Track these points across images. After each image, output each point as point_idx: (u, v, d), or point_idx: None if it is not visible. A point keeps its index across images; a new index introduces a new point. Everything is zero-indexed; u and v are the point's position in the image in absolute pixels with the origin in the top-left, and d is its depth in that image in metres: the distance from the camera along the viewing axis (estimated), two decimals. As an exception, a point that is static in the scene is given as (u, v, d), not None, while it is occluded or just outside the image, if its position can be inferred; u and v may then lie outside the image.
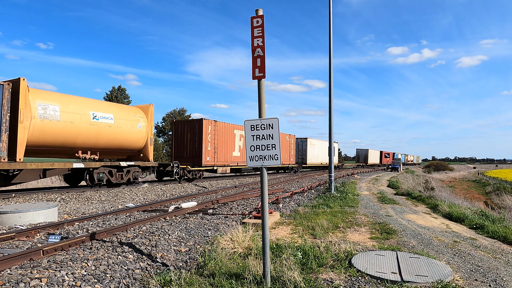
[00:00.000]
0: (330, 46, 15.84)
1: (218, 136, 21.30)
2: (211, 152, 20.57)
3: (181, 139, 21.02)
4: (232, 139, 23.05)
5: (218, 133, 21.24)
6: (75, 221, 7.57)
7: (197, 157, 20.08)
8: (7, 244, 5.74)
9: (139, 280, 4.48)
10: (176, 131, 21.44)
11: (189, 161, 20.11)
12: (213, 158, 20.81)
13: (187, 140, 20.75)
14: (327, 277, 4.53)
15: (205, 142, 20.10)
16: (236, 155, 23.43)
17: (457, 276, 4.75)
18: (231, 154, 22.74)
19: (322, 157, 41.61)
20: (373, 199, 13.74)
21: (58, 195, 12.54)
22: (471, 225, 8.70)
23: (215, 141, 20.99)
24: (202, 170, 20.67)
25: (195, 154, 20.22)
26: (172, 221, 7.79)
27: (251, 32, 4.32)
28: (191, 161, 20.03)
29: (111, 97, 46.85)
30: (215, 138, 20.97)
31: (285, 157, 31.33)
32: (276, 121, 4.18)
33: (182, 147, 20.87)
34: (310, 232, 7.22)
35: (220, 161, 21.53)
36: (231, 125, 22.93)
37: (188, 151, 20.62)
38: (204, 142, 20.02)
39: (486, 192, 37.37)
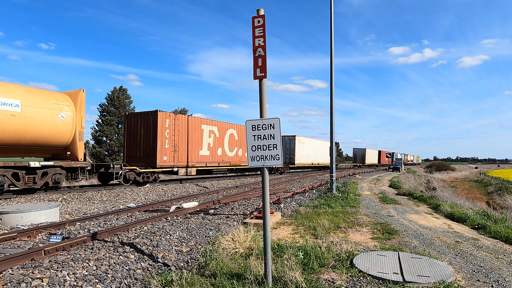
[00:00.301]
0: (332, 46, 15.82)
1: (180, 132, 18.31)
2: (169, 150, 17.50)
3: (134, 135, 17.96)
4: (199, 136, 19.92)
5: (180, 128, 18.23)
6: (76, 221, 7.58)
7: (151, 157, 17.00)
8: (9, 244, 5.75)
9: (140, 280, 4.48)
10: (129, 126, 18.23)
11: (143, 161, 17.27)
12: (173, 158, 17.77)
13: (140, 136, 17.69)
14: (328, 278, 4.52)
15: (161, 138, 17.04)
16: (205, 154, 20.41)
17: (459, 276, 4.73)
18: (197, 153, 19.71)
19: (313, 157, 38.47)
20: (374, 199, 13.71)
21: (59, 195, 12.56)
22: (473, 225, 8.67)
23: (176, 138, 17.96)
24: (157, 172, 17.47)
25: (149, 153, 17.18)
26: (174, 221, 7.79)
27: (252, 32, 4.32)
28: (145, 161, 17.16)
29: (113, 97, 46.90)
30: (175, 134, 17.88)
31: None
32: (278, 121, 4.18)
33: (135, 145, 17.83)
34: (311, 232, 7.21)
35: (182, 161, 18.51)
36: (197, 119, 19.97)
37: (141, 150, 17.59)
38: (159, 138, 16.96)
39: (488, 192, 37.27)
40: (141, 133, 17.69)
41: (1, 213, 7.60)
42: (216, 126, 21.57)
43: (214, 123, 21.53)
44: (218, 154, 21.78)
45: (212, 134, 21.10)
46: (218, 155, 21.77)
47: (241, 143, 24.68)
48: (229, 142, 23.11)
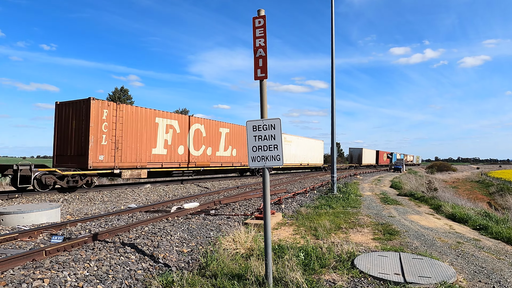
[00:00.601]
0: (332, 46, 15.81)
1: (125, 125, 15.15)
2: (107, 148, 14.24)
3: (65, 130, 14.65)
4: (152, 131, 16.70)
5: (124, 121, 15.09)
6: (77, 221, 7.59)
7: (82, 156, 13.78)
8: (10, 244, 5.76)
9: (141, 281, 4.48)
10: (59, 119, 14.91)
11: (74, 161, 14.14)
12: (113, 157, 14.47)
13: (72, 131, 14.36)
14: (329, 278, 4.51)
15: (95, 133, 13.81)
16: (160, 153, 17.13)
17: (461, 277, 4.72)
18: (149, 151, 16.50)
19: (303, 157, 35.27)
20: (375, 200, 13.69)
21: (61, 196, 12.58)
22: (474, 226, 8.65)
23: (118, 133, 14.73)
24: (90, 175, 14.15)
25: (80, 151, 13.92)
26: (174, 221, 7.80)
27: (253, 32, 4.32)
28: (77, 162, 14.00)
29: (114, 98, 47.00)
30: (117, 128, 14.65)
31: (243, 156, 24.75)
32: (278, 121, 4.17)
33: (66, 142, 14.55)
34: (312, 233, 7.20)
35: (127, 162, 15.18)
36: (149, 111, 16.59)
37: (73, 148, 14.29)
38: (93, 133, 13.73)
39: (489, 192, 37.19)
40: (72, 127, 14.37)
41: (3, 214, 7.62)
42: (177, 120, 18.37)
43: (174, 116, 18.34)
44: (179, 153, 18.43)
45: (170, 129, 17.85)
46: (179, 155, 18.44)
47: (210, 141, 21.15)
48: (195, 139, 19.62)
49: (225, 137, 22.75)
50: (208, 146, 20.98)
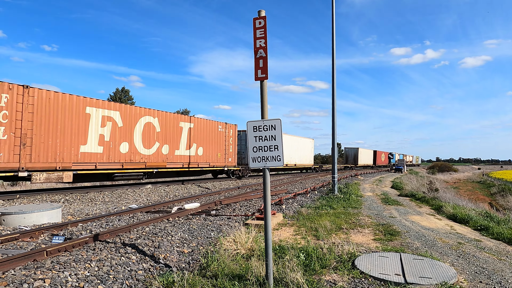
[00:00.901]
0: (333, 47, 15.81)
1: (39, 115, 12.22)
2: (8, 144, 11.30)
3: None
4: (81, 124, 13.68)
5: (37, 109, 12.19)
6: (78, 222, 7.60)
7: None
8: (11, 244, 5.77)
9: (142, 281, 4.49)
10: None
11: None
12: (19, 156, 11.55)
13: None
14: (330, 279, 4.51)
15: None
16: (93, 151, 14.09)
17: (462, 278, 4.71)
18: (76, 149, 13.45)
19: (288, 157, 31.83)
20: (376, 200, 13.68)
21: (62, 196, 12.60)
22: (475, 227, 8.63)
23: (27, 124, 11.82)
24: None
25: None
26: (175, 222, 7.80)
27: (254, 33, 4.32)
28: None
29: (115, 98, 47.06)
30: (24, 119, 11.73)
31: (213, 156, 21.29)
32: (279, 122, 4.18)
33: None
34: (313, 233, 7.20)
35: (41, 162, 12.22)
36: (77, 99, 13.54)
37: None
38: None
39: (491, 193, 37.12)
40: None
41: (4, 214, 7.64)
42: (118, 112, 15.18)
43: (114, 107, 15.07)
44: (122, 151, 15.21)
45: (109, 122, 14.73)
46: (122, 153, 15.22)
47: (167, 137, 17.87)
48: (144, 134, 16.42)
49: (187, 133, 19.27)
50: (164, 144, 17.71)
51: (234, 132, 23.85)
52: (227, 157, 22.96)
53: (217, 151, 21.95)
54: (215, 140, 21.76)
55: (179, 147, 18.76)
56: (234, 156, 23.83)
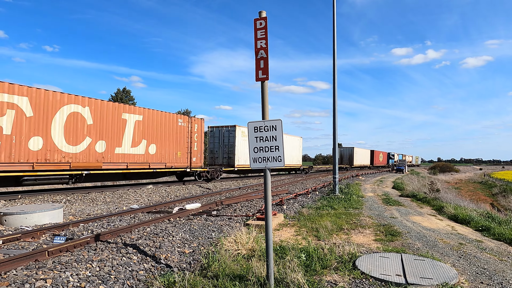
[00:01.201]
0: (334, 47, 15.81)
1: None
2: None
3: None
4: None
5: None
6: (80, 222, 7.62)
7: None
8: (13, 245, 5.79)
9: (143, 281, 4.50)
10: None
11: None
12: None
13: None
14: (331, 279, 4.51)
15: None
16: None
17: (463, 278, 4.71)
18: None
19: None
20: (377, 201, 13.66)
21: (63, 197, 12.63)
22: (477, 227, 8.62)
23: None
24: None
25: None
26: (176, 222, 7.82)
27: (254, 34, 4.33)
28: None
29: (116, 99, 47.15)
30: None
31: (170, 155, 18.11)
32: (280, 122, 4.18)
33: None
34: (314, 233, 7.20)
35: None
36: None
37: None
38: None
39: (492, 193, 37.04)
40: None
41: (6, 214, 7.67)
42: (27, 97, 12.01)
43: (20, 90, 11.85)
44: (32, 148, 12.16)
45: (10, 110, 11.56)
46: (33, 151, 12.17)
47: (104, 131, 14.56)
48: (68, 127, 13.31)
49: (134, 127, 15.97)
50: (99, 140, 14.41)
51: (200, 128, 20.27)
52: (191, 156, 19.43)
53: (177, 149, 18.42)
54: (173, 136, 18.28)
55: (121, 143, 15.33)
56: (201, 155, 20.28)
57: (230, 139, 24.09)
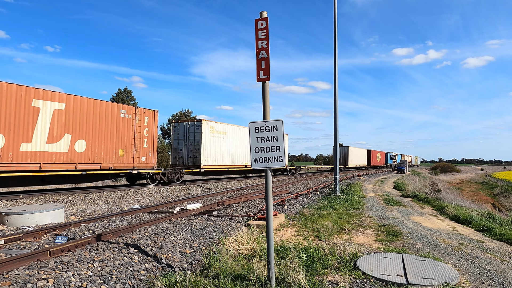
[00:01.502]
0: (335, 47, 15.81)
1: None
2: None
3: None
4: None
5: None
6: (81, 222, 7.64)
7: None
8: (15, 244, 5.81)
9: (145, 281, 4.51)
10: None
11: None
12: None
13: None
14: (332, 279, 4.51)
15: None
16: None
17: (464, 279, 4.71)
18: None
19: (242, 154, 24.51)
20: (378, 201, 13.66)
21: (65, 197, 12.66)
22: (478, 228, 8.61)
23: None
24: None
25: None
26: (177, 222, 7.83)
27: (256, 34, 4.34)
28: None
29: (117, 99, 47.20)
30: None
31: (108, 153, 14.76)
32: (281, 123, 4.19)
33: None
34: (315, 234, 7.20)
35: None
36: None
37: None
38: None
39: (494, 194, 36.99)
40: None
41: (8, 214, 7.69)
42: None
43: None
44: None
45: None
46: None
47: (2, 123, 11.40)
48: None
49: (52, 117, 12.84)
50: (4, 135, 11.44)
51: (152, 121, 16.94)
52: (139, 155, 16.13)
53: (118, 147, 15.09)
54: (112, 130, 14.90)
55: (31, 138, 12.19)
56: (153, 154, 16.97)
57: (196, 135, 20.75)
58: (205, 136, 20.78)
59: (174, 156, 21.85)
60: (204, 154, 20.67)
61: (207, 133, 20.96)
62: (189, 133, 21.11)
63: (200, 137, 20.55)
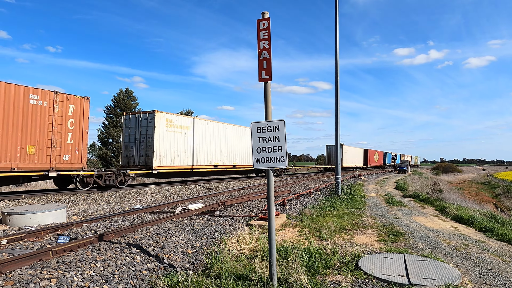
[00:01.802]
0: (336, 47, 15.81)
1: None
2: None
3: None
4: None
5: None
6: (83, 222, 7.65)
7: None
8: (18, 244, 5.83)
9: (147, 281, 4.52)
10: None
11: None
12: None
13: None
14: (333, 280, 4.51)
15: None
16: None
17: (466, 279, 4.70)
18: None
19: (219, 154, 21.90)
20: (380, 201, 13.64)
21: (66, 197, 12.69)
22: (480, 228, 8.59)
23: None
24: None
25: None
26: (179, 222, 7.84)
27: (258, 34, 4.34)
28: None
29: (119, 99, 47.26)
30: None
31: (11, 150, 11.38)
32: (283, 123, 4.19)
33: None
34: (316, 234, 7.20)
35: None
36: None
37: None
38: None
39: (495, 194, 36.89)
40: None
41: (10, 214, 7.71)
42: None
43: None
44: None
45: None
46: None
47: None
48: None
49: None
50: None
51: (80, 110, 13.71)
52: (60, 153, 12.93)
53: (24, 142, 11.83)
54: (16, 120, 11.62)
55: None
56: (81, 152, 13.69)
57: (149, 130, 17.35)
58: (160, 131, 17.39)
59: (124, 155, 18.49)
60: (158, 152, 17.22)
61: (162, 127, 17.55)
62: (141, 127, 17.71)
63: (152, 131, 17.13)
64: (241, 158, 24.63)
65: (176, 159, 18.48)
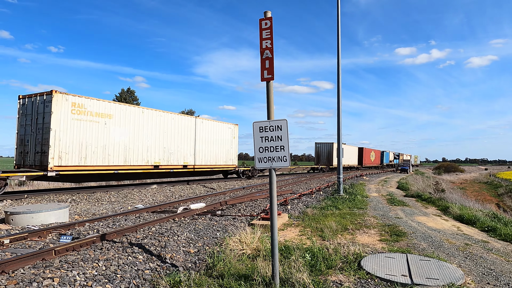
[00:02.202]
0: (338, 46, 15.78)
1: None
2: None
3: None
4: None
5: None
6: (85, 221, 7.67)
7: None
8: (20, 244, 5.84)
9: (149, 280, 4.52)
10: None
11: None
12: None
13: None
14: (336, 279, 4.51)
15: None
16: None
17: (469, 279, 4.68)
18: None
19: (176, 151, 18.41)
20: (382, 201, 13.61)
21: (69, 196, 12.72)
22: (482, 228, 8.56)
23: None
24: None
25: None
26: (181, 222, 7.84)
27: (260, 34, 4.34)
28: None
29: (121, 99, 47.37)
30: None
31: None
32: (285, 122, 4.19)
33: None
34: (318, 233, 7.19)
35: None
36: None
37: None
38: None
39: (498, 194, 36.76)
40: None
41: (12, 214, 7.73)
42: None
43: None
44: None
45: None
46: None
47: None
48: None
49: None
50: None
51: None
52: None
53: None
54: None
55: None
56: None
57: (46, 117, 12.85)
58: (61, 119, 12.92)
59: (19, 152, 13.94)
60: (59, 147, 12.83)
61: (65, 114, 13.05)
62: (38, 114, 13.17)
63: (49, 119, 12.62)
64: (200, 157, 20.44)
65: (91, 157, 14.01)
